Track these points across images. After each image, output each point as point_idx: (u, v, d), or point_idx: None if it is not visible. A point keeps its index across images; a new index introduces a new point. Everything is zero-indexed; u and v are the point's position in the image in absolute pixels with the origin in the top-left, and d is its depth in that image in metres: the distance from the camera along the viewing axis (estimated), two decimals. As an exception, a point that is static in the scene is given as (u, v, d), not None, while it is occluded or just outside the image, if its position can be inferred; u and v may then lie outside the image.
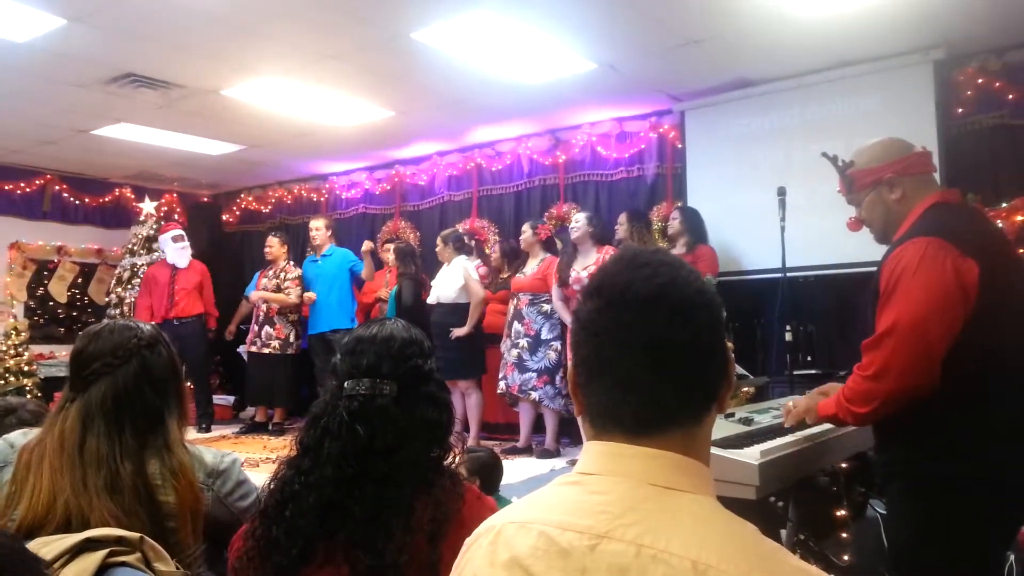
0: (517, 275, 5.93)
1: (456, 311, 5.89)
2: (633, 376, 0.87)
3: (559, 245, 6.14)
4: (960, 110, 5.02)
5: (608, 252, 5.24)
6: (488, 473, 3.02)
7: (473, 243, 6.77)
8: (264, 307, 7.02)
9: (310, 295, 6.88)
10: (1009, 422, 1.81)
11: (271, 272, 7.12)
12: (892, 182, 2.03)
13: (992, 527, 1.83)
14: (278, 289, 7.02)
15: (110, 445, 1.56)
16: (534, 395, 5.53)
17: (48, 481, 1.51)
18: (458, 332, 5.76)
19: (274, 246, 7.17)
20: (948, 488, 1.82)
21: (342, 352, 1.49)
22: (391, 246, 6.97)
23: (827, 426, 2.35)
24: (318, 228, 6.98)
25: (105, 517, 1.47)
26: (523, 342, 5.62)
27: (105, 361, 1.62)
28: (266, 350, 6.97)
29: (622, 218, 5.70)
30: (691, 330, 0.87)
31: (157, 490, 1.55)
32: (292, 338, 7.07)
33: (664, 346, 0.86)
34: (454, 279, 5.96)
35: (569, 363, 0.96)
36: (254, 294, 7.01)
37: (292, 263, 7.24)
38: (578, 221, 5.53)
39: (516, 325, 5.72)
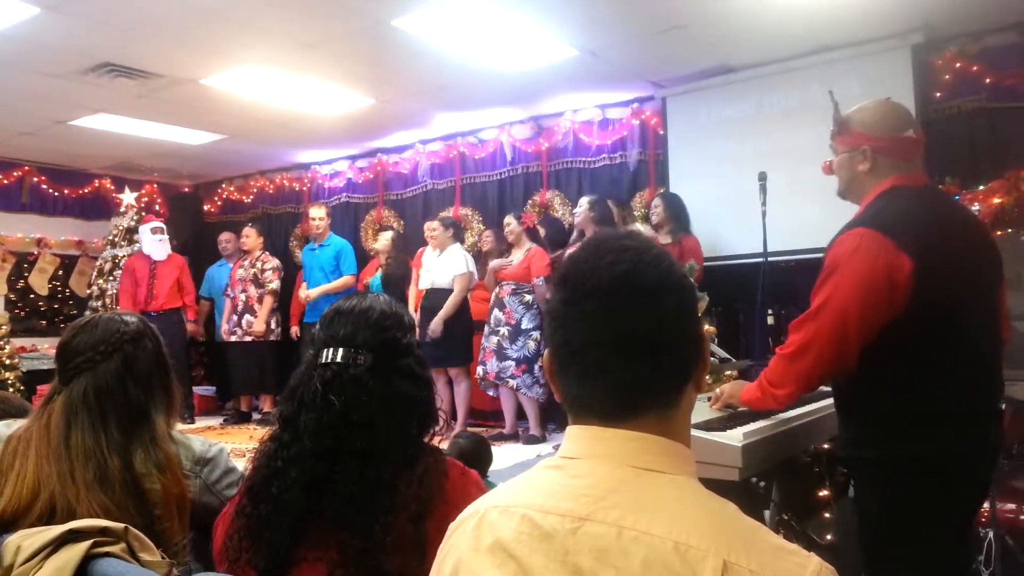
0: (498, 260, 5.95)
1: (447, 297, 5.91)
2: (600, 365, 0.88)
3: (542, 233, 6.15)
4: (939, 94, 5.06)
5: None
6: (476, 458, 3.03)
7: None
8: (243, 296, 7.05)
9: (307, 293, 6.87)
10: (956, 407, 1.85)
11: (246, 263, 7.18)
12: (865, 153, 2.04)
13: (941, 508, 1.86)
14: (256, 279, 7.11)
15: (95, 439, 1.55)
16: (512, 383, 5.57)
17: (33, 469, 1.51)
18: (434, 329, 5.75)
19: (251, 236, 7.26)
20: (897, 471, 1.86)
21: (320, 323, 1.47)
22: (383, 234, 6.98)
23: (809, 408, 2.38)
24: (321, 218, 6.96)
25: (94, 509, 1.46)
26: (504, 330, 5.66)
27: (87, 356, 1.62)
28: (248, 338, 7.01)
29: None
30: (655, 316, 0.87)
31: (143, 479, 1.55)
32: (273, 324, 7.17)
33: (628, 335, 0.86)
34: (453, 266, 5.95)
35: (545, 350, 0.97)
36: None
37: (268, 253, 7.36)
38: (581, 206, 5.62)
39: (497, 313, 5.74)
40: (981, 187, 4.55)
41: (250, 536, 1.35)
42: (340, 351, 1.40)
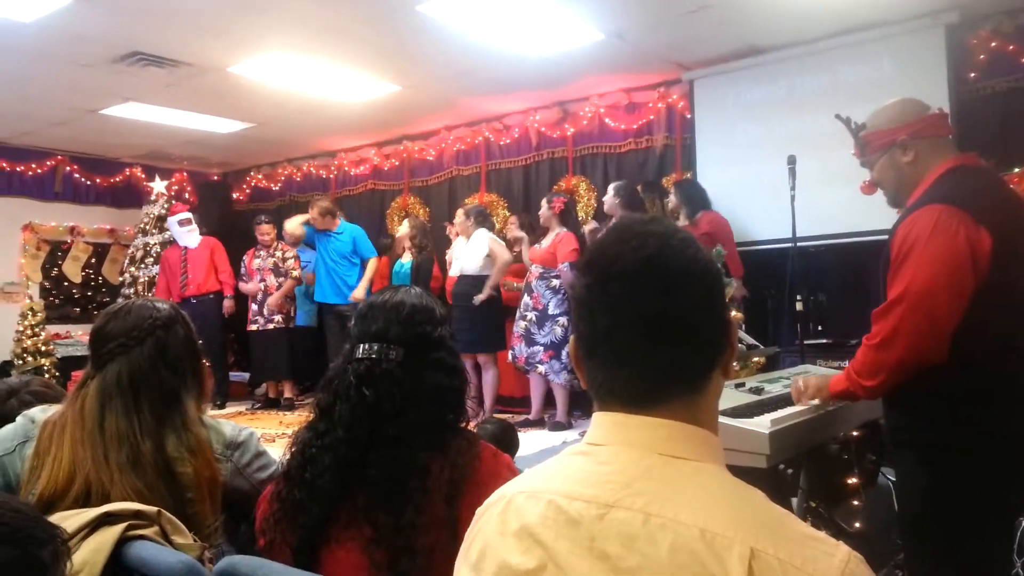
0: (534, 246, 5.96)
1: (479, 283, 5.95)
2: (626, 351, 0.87)
3: (579, 217, 6.15)
4: (973, 74, 4.95)
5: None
6: (502, 444, 3.04)
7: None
8: (262, 286, 7.16)
9: (355, 296, 6.74)
10: (1017, 391, 1.81)
11: (263, 253, 7.29)
12: (905, 144, 1.99)
13: (999, 494, 1.83)
14: (276, 267, 7.23)
15: (129, 422, 1.58)
16: (541, 368, 5.59)
17: (69, 453, 1.54)
18: (480, 297, 5.85)
19: (270, 232, 7.32)
20: (955, 455, 1.82)
21: (355, 317, 1.53)
22: (403, 223, 7.01)
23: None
24: (314, 218, 6.78)
25: (127, 492, 1.50)
26: (531, 315, 5.67)
27: (120, 341, 1.65)
28: (270, 326, 7.14)
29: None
30: (681, 301, 0.86)
31: (175, 463, 1.58)
32: (292, 312, 7.35)
33: (654, 319, 0.85)
34: (478, 251, 6.01)
35: (571, 337, 0.96)
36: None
37: (283, 243, 7.39)
38: (608, 193, 5.62)
39: (526, 298, 5.77)
40: (1016, 169, 4.46)
41: (285, 518, 1.41)
42: (373, 346, 1.45)
